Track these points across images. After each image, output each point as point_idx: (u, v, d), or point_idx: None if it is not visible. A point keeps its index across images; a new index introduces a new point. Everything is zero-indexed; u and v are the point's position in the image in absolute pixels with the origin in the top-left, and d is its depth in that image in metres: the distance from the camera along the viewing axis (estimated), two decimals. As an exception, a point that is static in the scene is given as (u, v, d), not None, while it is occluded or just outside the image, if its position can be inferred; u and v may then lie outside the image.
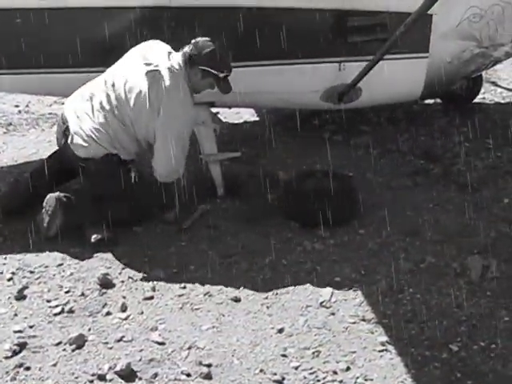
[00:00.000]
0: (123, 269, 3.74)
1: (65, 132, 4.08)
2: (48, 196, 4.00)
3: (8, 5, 4.32)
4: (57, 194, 4.01)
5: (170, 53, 4.10)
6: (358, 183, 4.49)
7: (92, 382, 2.93)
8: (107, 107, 4.02)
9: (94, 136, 3.99)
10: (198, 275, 3.68)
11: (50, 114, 6.25)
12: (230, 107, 5.59)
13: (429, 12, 4.05)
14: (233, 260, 3.81)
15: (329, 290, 3.50)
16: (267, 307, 3.41)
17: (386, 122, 5.66)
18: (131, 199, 4.03)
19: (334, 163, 4.89)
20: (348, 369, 2.97)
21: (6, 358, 3.06)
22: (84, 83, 4.23)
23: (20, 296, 3.51)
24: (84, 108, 4.06)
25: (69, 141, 4.03)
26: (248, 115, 6.04)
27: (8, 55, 4.37)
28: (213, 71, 4.04)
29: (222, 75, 4.07)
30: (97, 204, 4.05)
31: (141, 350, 3.11)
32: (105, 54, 4.35)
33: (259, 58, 4.61)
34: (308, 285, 3.57)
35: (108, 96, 4.03)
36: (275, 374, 2.95)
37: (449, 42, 4.98)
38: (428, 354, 3.04)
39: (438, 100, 6.07)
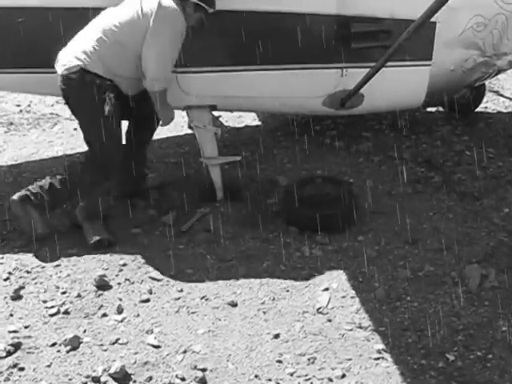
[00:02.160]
0: (120, 271, 3.73)
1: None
2: (10, 201, 4.02)
3: (9, 4, 4.32)
4: (16, 196, 4.00)
5: None
6: (357, 190, 4.49)
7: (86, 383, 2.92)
8: (102, 28, 4.04)
9: (75, 51, 4.01)
10: (195, 279, 3.67)
11: (51, 114, 6.26)
12: (231, 111, 5.59)
13: (432, 20, 4.03)
14: (230, 264, 3.80)
15: (326, 296, 3.49)
16: (264, 312, 3.39)
17: (387, 129, 5.65)
18: (105, 128, 3.99)
19: (335, 169, 4.89)
20: (343, 376, 2.96)
21: (1, 358, 3.06)
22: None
23: (16, 296, 3.51)
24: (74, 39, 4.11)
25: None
26: (249, 119, 6.04)
27: (9, 54, 4.36)
28: (204, 5, 4.12)
29: (210, 10, 4.16)
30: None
31: (136, 353, 3.10)
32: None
33: (261, 62, 4.60)
34: (305, 291, 3.56)
35: (104, 23, 4.06)
36: (270, 380, 2.94)
37: (452, 51, 4.96)
38: (424, 362, 3.03)
39: (441, 108, 6.06)
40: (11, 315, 3.37)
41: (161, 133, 5.66)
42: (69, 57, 4.01)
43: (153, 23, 3.98)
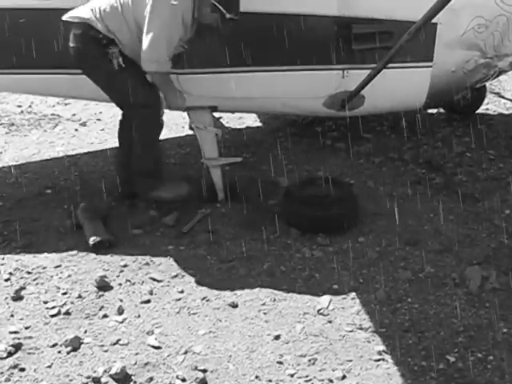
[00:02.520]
0: (121, 271, 3.73)
1: None
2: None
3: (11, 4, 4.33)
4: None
5: None
6: (358, 191, 4.48)
7: (86, 384, 2.92)
8: None
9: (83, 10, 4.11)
10: (196, 280, 3.67)
11: (52, 114, 6.27)
12: (232, 112, 5.59)
13: (433, 21, 4.04)
14: (231, 265, 3.80)
15: (327, 297, 3.49)
16: (264, 313, 3.39)
17: (388, 131, 5.66)
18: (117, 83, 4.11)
19: (335, 170, 4.90)
20: (344, 377, 2.95)
21: (1, 358, 3.06)
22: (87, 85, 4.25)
23: (17, 297, 3.51)
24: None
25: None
26: (250, 121, 6.04)
27: (11, 55, 4.37)
28: (222, 9, 4.07)
29: (228, 16, 4.10)
30: None
31: (136, 354, 3.10)
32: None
33: (262, 63, 4.60)
34: (306, 292, 3.55)
35: None
36: (271, 381, 2.93)
37: (453, 52, 4.97)
38: (425, 364, 3.02)
39: (442, 110, 6.06)
40: (12, 316, 3.37)
41: (162, 134, 5.68)
42: (77, 14, 4.11)
43: (151, 1, 3.97)
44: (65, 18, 4.13)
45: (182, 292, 3.57)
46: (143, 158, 4.27)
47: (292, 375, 2.97)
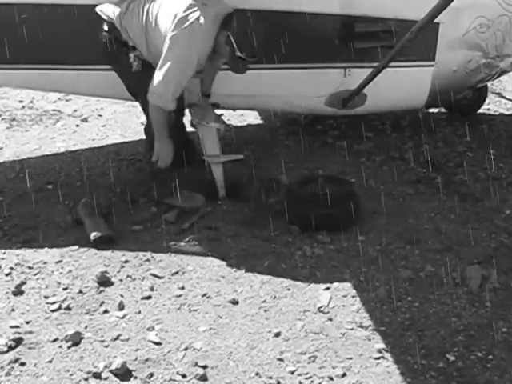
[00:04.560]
0: (122, 267, 3.73)
1: None
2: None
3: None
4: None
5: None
6: (359, 189, 4.49)
7: (87, 379, 2.92)
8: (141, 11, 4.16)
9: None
10: (197, 276, 3.67)
11: (53, 110, 6.26)
12: (234, 109, 5.60)
13: (436, 20, 4.04)
14: (232, 262, 3.80)
15: (327, 295, 3.50)
16: (265, 311, 3.40)
17: (389, 130, 5.66)
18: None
19: (336, 169, 4.90)
20: (344, 375, 2.96)
21: (2, 353, 3.06)
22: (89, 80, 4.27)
23: (18, 291, 3.51)
24: None
25: None
26: (252, 118, 6.04)
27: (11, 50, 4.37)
28: (234, 44, 4.06)
29: (238, 54, 4.06)
30: None
31: (137, 350, 3.10)
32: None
33: (264, 61, 4.60)
34: (306, 289, 3.56)
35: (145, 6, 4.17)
36: (271, 378, 2.94)
37: (455, 51, 4.98)
38: (424, 362, 3.03)
39: (443, 109, 6.07)
40: (13, 310, 3.37)
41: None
42: (106, 12, 4.22)
43: (169, 34, 3.98)
44: (97, 9, 4.23)
45: (182, 288, 3.57)
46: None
47: (292, 372, 2.97)
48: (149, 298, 3.50)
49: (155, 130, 4.19)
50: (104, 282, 3.59)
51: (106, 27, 4.18)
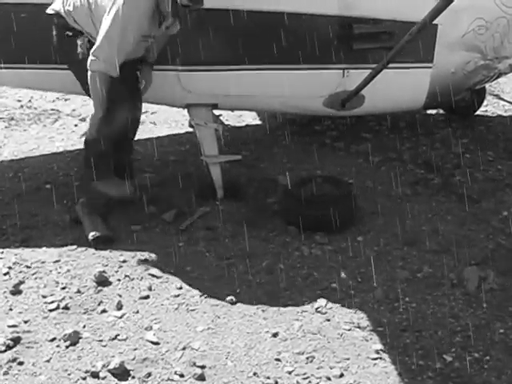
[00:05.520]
0: (120, 267, 3.74)
1: None
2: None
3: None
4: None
5: None
6: (357, 190, 4.49)
7: (85, 379, 2.93)
8: None
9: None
10: (195, 276, 3.68)
11: (52, 109, 6.26)
12: (232, 110, 5.60)
13: (434, 22, 4.05)
14: (230, 262, 3.80)
15: (325, 295, 3.50)
16: (263, 311, 3.40)
17: (387, 131, 5.67)
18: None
19: (334, 169, 4.90)
20: (341, 375, 2.97)
21: (0, 352, 3.06)
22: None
23: (16, 291, 3.51)
24: None
25: None
26: (250, 119, 6.05)
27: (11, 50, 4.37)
28: None
29: (185, 2, 3.91)
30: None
31: (135, 349, 3.10)
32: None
33: (262, 62, 4.61)
34: (304, 290, 3.56)
35: None
36: (268, 378, 2.94)
37: (453, 53, 4.98)
38: (422, 363, 3.04)
39: (441, 110, 6.07)
40: (11, 309, 3.37)
41: (162, 131, 5.70)
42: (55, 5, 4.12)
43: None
44: (47, 11, 4.14)
45: (180, 288, 3.57)
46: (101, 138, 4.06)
47: (290, 372, 2.98)
48: (147, 297, 3.50)
49: (94, 103, 3.96)
50: (102, 281, 3.59)
51: (55, 20, 4.09)
